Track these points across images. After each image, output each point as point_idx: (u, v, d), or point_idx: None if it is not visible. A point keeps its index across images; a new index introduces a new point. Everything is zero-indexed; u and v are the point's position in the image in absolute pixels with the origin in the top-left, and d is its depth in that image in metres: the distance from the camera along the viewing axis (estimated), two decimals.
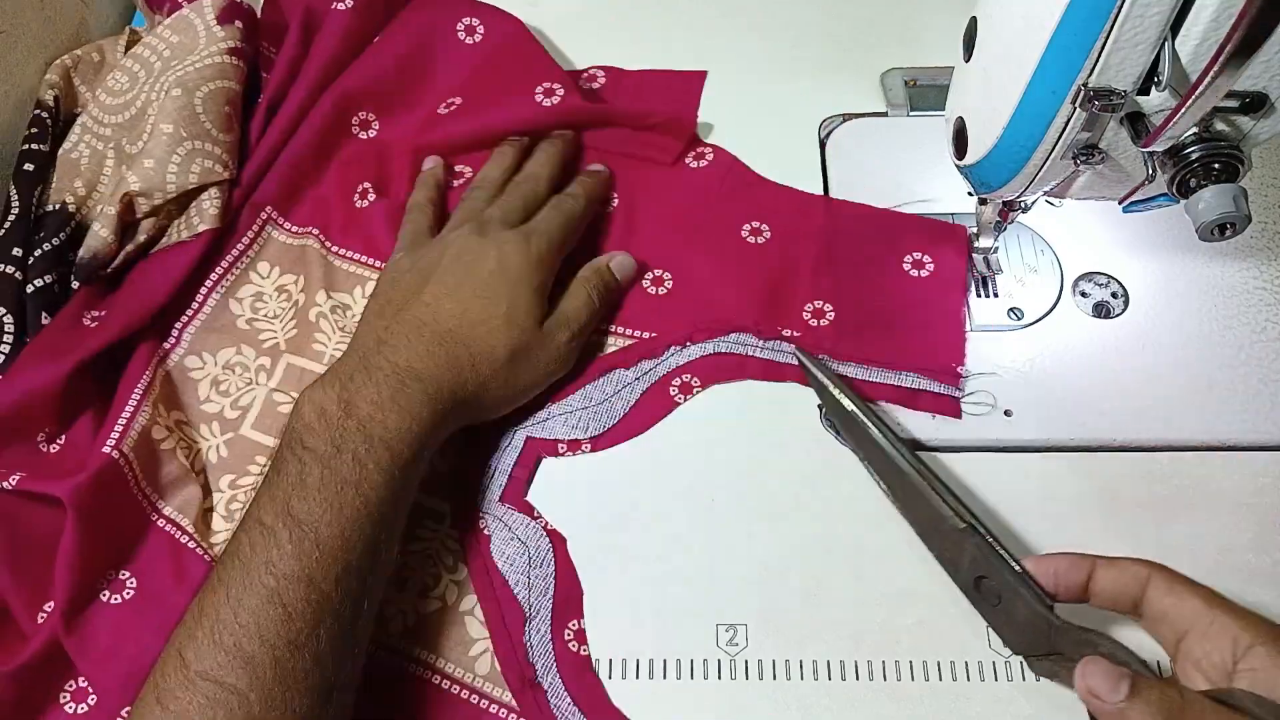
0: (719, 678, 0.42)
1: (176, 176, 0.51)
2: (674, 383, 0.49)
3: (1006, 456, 0.47)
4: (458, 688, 0.43)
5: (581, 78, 0.60)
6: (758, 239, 0.54)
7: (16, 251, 0.50)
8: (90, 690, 0.42)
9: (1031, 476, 0.47)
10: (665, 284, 0.53)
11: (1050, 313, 0.51)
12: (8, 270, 0.50)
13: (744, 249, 0.53)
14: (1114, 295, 0.51)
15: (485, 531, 0.46)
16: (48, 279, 0.50)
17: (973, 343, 0.50)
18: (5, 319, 0.49)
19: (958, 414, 0.48)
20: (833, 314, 0.51)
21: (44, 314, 0.49)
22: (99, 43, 0.60)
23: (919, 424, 0.47)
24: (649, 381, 0.50)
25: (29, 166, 0.53)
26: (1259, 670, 0.33)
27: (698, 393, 0.49)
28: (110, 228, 0.50)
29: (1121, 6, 0.32)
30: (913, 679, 0.42)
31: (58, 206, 0.52)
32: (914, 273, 0.52)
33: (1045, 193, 0.42)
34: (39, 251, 0.50)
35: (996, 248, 0.51)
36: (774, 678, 0.42)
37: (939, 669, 0.42)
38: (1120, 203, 0.41)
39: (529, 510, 0.46)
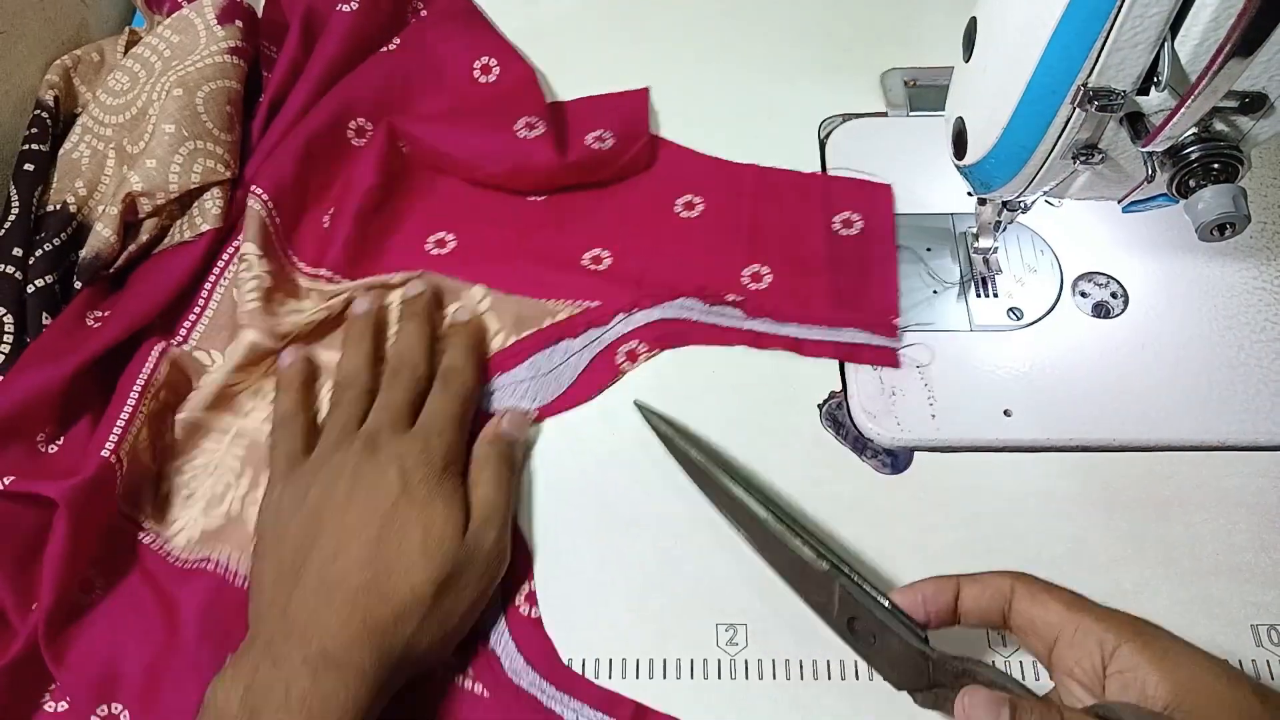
0: (719, 677, 0.42)
1: (179, 176, 0.51)
2: (621, 350, 0.50)
3: (1006, 456, 0.47)
4: None
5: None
6: (691, 213, 0.55)
7: (17, 251, 0.50)
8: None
9: (1031, 476, 0.47)
10: (604, 261, 0.53)
11: (1050, 313, 0.51)
12: (8, 270, 0.50)
13: (678, 225, 0.55)
14: (1113, 295, 0.51)
15: None
16: (48, 279, 0.50)
17: (972, 343, 0.50)
18: (5, 319, 0.49)
19: (896, 364, 0.49)
20: (771, 277, 0.52)
21: (45, 314, 0.49)
22: (99, 43, 0.60)
23: (919, 421, 0.47)
24: (596, 350, 0.50)
25: (29, 166, 0.53)
26: (1126, 671, 0.32)
27: (644, 359, 0.50)
28: (113, 227, 0.50)
29: (1121, 6, 0.32)
30: None
31: (58, 207, 0.52)
32: (844, 231, 0.54)
33: (1045, 193, 0.42)
34: (40, 252, 0.50)
35: (996, 248, 0.51)
36: (774, 677, 0.42)
37: None
38: (1120, 203, 0.41)
39: None
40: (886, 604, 0.38)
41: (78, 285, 0.50)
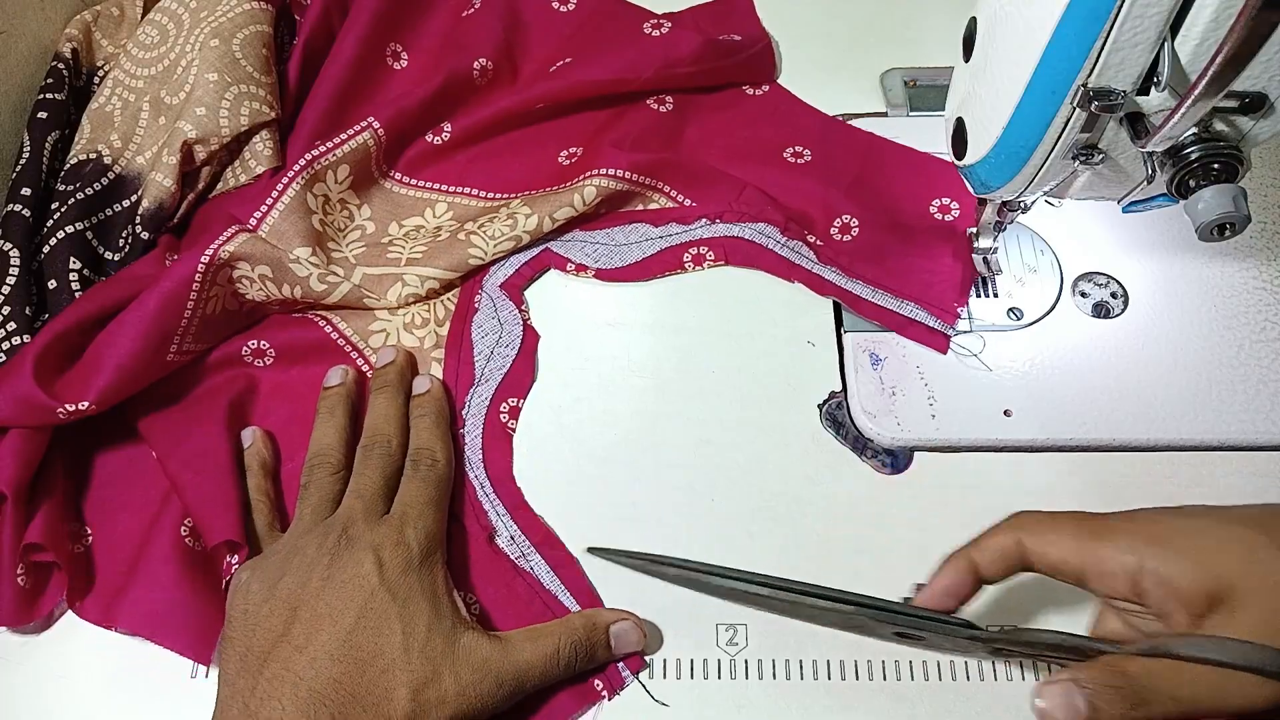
0: (719, 677, 0.42)
1: (229, 120, 0.53)
2: (690, 251, 0.54)
3: (1006, 456, 0.47)
4: None
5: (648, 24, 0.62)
6: (798, 160, 0.57)
7: (26, 191, 0.52)
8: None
9: (1031, 476, 0.47)
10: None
11: (1050, 313, 0.51)
12: (18, 209, 0.51)
13: (784, 166, 0.57)
14: (1113, 295, 0.51)
15: (476, 305, 0.52)
16: (79, 226, 0.51)
17: (972, 343, 0.50)
18: (11, 254, 0.50)
19: (944, 349, 0.50)
20: (857, 231, 0.53)
21: (74, 260, 0.50)
22: None
23: (919, 422, 0.48)
24: (669, 243, 0.54)
25: (42, 115, 0.55)
26: (1159, 585, 0.33)
27: (708, 266, 0.53)
28: (173, 176, 0.52)
29: (1121, 6, 0.32)
30: (912, 679, 0.42)
31: (91, 156, 0.54)
32: (939, 215, 0.54)
33: (1045, 193, 0.42)
34: (72, 200, 0.51)
35: (996, 248, 0.51)
36: (774, 677, 0.42)
37: (939, 669, 0.42)
38: (1120, 203, 0.41)
39: (518, 301, 0.52)
40: (916, 614, 0.38)
41: (145, 235, 0.52)
